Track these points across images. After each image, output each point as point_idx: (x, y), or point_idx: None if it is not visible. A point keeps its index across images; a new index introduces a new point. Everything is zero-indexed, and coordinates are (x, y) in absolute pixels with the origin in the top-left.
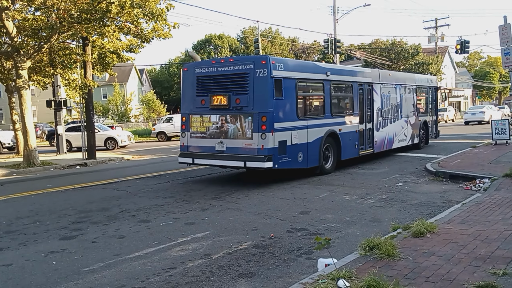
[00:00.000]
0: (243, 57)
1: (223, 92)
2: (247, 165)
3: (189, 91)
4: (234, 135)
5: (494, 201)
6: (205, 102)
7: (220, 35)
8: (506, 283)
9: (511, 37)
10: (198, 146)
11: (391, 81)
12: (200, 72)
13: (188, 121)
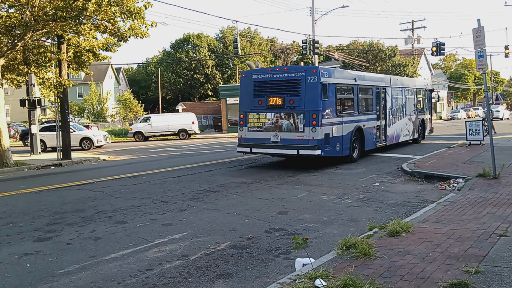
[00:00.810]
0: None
1: (278, 94)
2: (300, 152)
3: (247, 93)
4: (287, 129)
5: (467, 200)
6: (262, 102)
7: (199, 35)
8: (478, 280)
9: (485, 40)
10: (255, 138)
11: (398, 85)
12: (257, 78)
13: (245, 118)
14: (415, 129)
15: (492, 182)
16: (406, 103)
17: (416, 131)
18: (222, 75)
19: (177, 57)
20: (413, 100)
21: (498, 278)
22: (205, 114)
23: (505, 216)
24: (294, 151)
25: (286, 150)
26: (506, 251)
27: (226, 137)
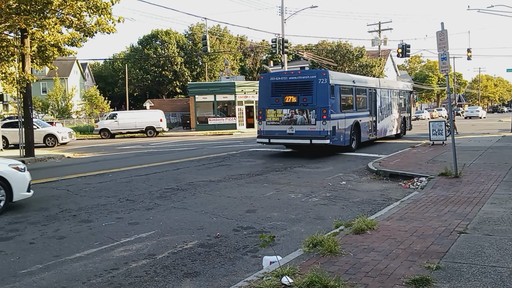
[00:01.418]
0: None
1: (293, 93)
2: (312, 142)
3: (265, 93)
4: (301, 122)
5: (430, 199)
6: (279, 100)
7: (167, 31)
8: (439, 276)
9: (448, 43)
10: (273, 131)
11: (385, 87)
12: (275, 80)
13: (264, 113)
14: (398, 126)
15: (454, 181)
16: (392, 103)
17: (399, 127)
18: (191, 72)
19: (145, 54)
20: (397, 100)
21: (458, 273)
22: (174, 112)
23: (466, 214)
24: (308, 140)
25: (300, 140)
26: (466, 247)
27: (195, 135)
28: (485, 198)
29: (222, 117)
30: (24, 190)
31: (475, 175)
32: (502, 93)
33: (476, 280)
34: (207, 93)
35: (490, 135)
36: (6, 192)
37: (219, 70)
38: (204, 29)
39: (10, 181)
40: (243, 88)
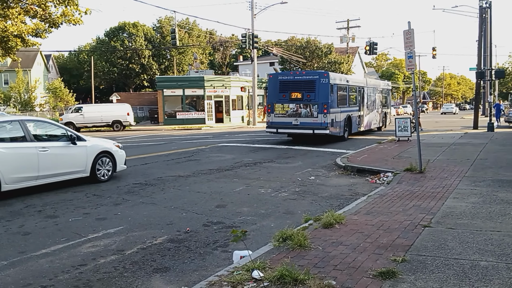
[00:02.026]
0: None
1: (298, 91)
2: (314, 132)
3: (274, 90)
4: (305, 115)
5: (396, 193)
6: (286, 96)
7: (135, 23)
8: (404, 269)
9: (414, 41)
10: (280, 122)
11: (371, 86)
12: (282, 78)
13: (272, 107)
14: (380, 119)
15: (418, 176)
16: (375, 100)
17: (381, 121)
18: (159, 65)
19: (111, 46)
20: (380, 97)
21: (422, 266)
22: (141, 106)
23: (430, 208)
24: (310, 131)
25: (304, 130)
26: (430, 241)
27: (163, 129)
28: (448, 193)
29: (191, 111)
30: (122, 164)
31: (439, 170)
32: (464, 91)
33: (440, 272)
34: (176, 87)
35: (453, 132)
36: (112, 164)
37: (188, 64)
38: (173, 22)
39: (115, 156)
40: (213, 83)
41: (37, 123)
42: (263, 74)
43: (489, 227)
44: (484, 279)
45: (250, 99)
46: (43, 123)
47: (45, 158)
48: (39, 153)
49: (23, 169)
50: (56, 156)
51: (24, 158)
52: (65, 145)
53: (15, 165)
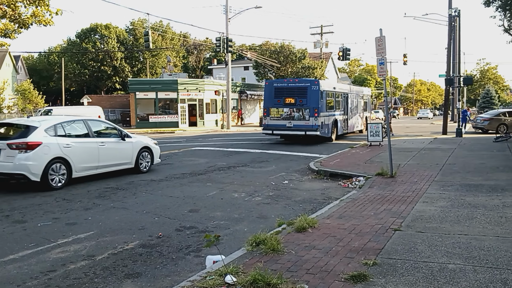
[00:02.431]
0: (304, 79)
1: (291, 96)
2: (306, 133)
3: (269, 95)
4: (298, 118)
5: (367, 197)
6: (280, 101)
7: (107, 25)
8: (375, 272)
9: (386, 48)
10: (275, 124)
11: (354, 92)
12: (277, 85)
13: (268, 111)
14: (362, 123)
15: (389, 180)
16: (358, 105)
17: (362, 125)
18: (132, 68)
19: (83, 48)
20: (361, 103)
21: (393, 269)
22: (113, 108)
23: (400, 212)
24: (303, 132)
25: (297, 132)
26: (400, 244)
27: (135, 132)
28: (418, 197)
29: (164, 115)
30: (157, 158)
31: (409, 175)
32: (434, 97)
33: (409, 275)
34: (149, 90)
35: (423, 137)
36: (150, 158)
37: (161, 66)
38: (146, 25)
39: (153, 151)
40: (186, 86)
41: (95, 122)
42: (237, 78)
43: (457, 230)
44: (451, 281)
45: (224, 102)
46: (100, 122)
47: (103, 151)
48: (99, 147)
49: (87, 160)
50: (111, 150)
51: (88, 151)
52: (117, 141)
53: (82, 157)
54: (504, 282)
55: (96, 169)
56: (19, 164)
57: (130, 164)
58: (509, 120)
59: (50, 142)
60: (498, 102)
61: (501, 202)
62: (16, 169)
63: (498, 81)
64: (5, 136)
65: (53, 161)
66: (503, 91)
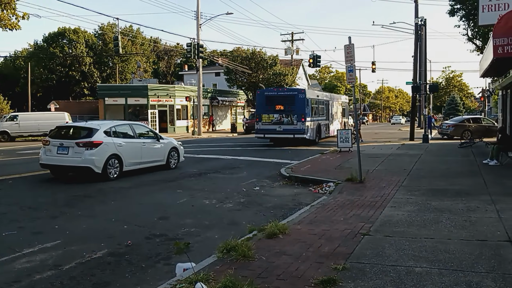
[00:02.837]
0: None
1: (281, 103)
2: (294, 136)
3: (261, 103)
4: (287, 123)
5: (337, 203)
6: (271, 108)
7: (76, 29)
8: (344, 276)
9: (354, 56)
10: (266, 129)
11: (334, 99)
12: (268, 94)
13: (260, 117)
14: (341, 128)
15: (359, 186)
16: (337, 111)
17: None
18: (101, 73)
19: (50, 52)
20: (340, 109)
21: (362, 273)
22: (81, 115)
23: (369, 217)
24: (291, 135)
25: (286, 135)
26: (369, 248)
27: None
28: (386, 202)
29: (134, 121)
30: (182, 157)
31: (378, 180)
32: (402, 104)
33: (378, 279)
34: (118, 95)
35: (391, 143)
36: (177, 156)
37: (131, 72)
38: (115, 29)
39: (179, 151)
40: (157, 92)
41: (137, 125)
42: (209, 84)
43: (423, 234)
44: (418, 284)
45: (195, 109)
46: (141, 126)
47: (144, 150)
48: (141, 147)
49: (134, 157)
50: (150, 149)
51: (134, 150)
52: (153, 142)
53: (130, 154)
54: (468, 284)
55: (139, 164)
56: (86, 159)
57: (162, 162)
58: (473, 127)
59: (108, 141)
60: (463, 109)
61: (465, 206)
62: (83, 163)
63: (463, 88)
64: (71, 136)
65: (110, 157)
66: (467, 98)
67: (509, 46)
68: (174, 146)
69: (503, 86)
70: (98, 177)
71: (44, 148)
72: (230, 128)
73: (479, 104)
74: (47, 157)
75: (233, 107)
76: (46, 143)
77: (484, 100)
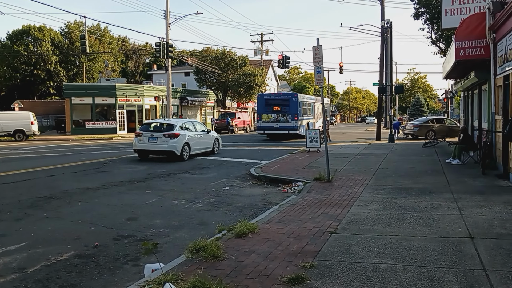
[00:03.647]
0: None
1: (278, 105)
2: (289, 132)
3: (261, 104)
4: (283, 121)
5: (306, 202)
6: (269, 108)
7: (41, 27)
8: (312, 274)
9: (322, 57)
10: (265, 126)
11: (319, 101)
12: (267, 97)
13: (260, 116)
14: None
15: (327, 185)
16: (321, 111)
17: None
18: (67, 72)
19: (14, 50)
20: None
21: (329, 270)
22: (46, 114)
23: (336, 215)
24: (286, 131)
25: (282, 131)
26: (336, 246)
27: (71, 139)
28: (353, 200)
29: (101, 121)
30: (221, 145)
31: (345, 179)
32: (369, 105)
33: (344, 276)
34: (85, 95)
35: (358, 143)
36: (218, 145)
37: (99, 71)
38: (82, 28)
39: (219, 141)
40: (125, 91)
41: (196, 122)
42: (178, 83)
43: (388, 231)
44: (383, 280)
45: (164, 109)
46: (197, 123)
47: (201, 139)
48: (199, 137)
49: (196, 144)
50: (203, 139)
51: (196, 139)
52: (205, 134)
53: (194, 143)
54: (431, 279)
55: (198, 150)
56: (170, 145)
57: (209, 148)
58: (436, 127)
59: (182, 133)
60: (427, 110)
61: (429, 204)
62: (169, 148)
63: (427, 89)
64: (157, 130)
65: (184, 144)
66: (431, 99)
67: (470, 49)
68: (216, 138)
69: (465, 88)
70: (177, 158)
71: (136, 138)
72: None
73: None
74: (140, 144)
75: (203, 107)
76: (139, 135)
77: (447, 101)
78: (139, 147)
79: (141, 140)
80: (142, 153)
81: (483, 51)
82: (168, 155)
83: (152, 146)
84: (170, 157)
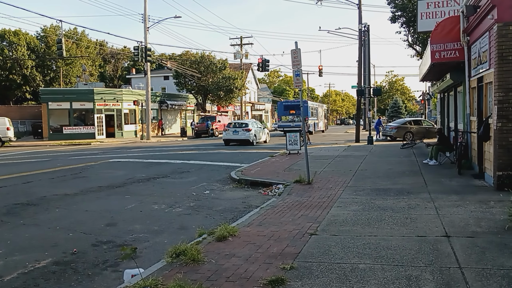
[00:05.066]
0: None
1: (293, 109)
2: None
3: (281, 109)
4: (297, 121)
5: (286, 204)
6: (287, 111)
7: (16, 31)
8: (292, 276)
9: (301, 60)
10: (284, 125)
11: (320, 106)
12: (285, 103)
13: (280, 118)
14: (323, 126)
15: (307, 187)
16: (322, 114)
17: (323, 126)
18: (44, 77)
19: None
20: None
21: (309, 272)
22: (23, 120)
23: (316, 217)
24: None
25: (297, 128)
26: (316, 248)
27: (48, 145)
28: (332, 202)
29: (79, 126)
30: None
31: (325, 181)
32: (348, 107)
33: (324, 277)
34: (62, 100)
35: (337, 145)
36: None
37: (76, 75)
38: (59, 32)
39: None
40: (103, 96)
41: (250, 121)
42: (157, 87)
43: (367, 232)
44: (362, 280)
45: (143, 113)
46: (256, 121)
47: (259, 133)
48: (260, 131)
49: (258, 136)
50: (260, 133)
51: (259, 132)
52: (261, 129)
53: (258, 134)
54: (408, 278)
55: (259, 139)
56: (247, 135)
57: (263, 139)
58: (414, 128)
59: (252, 128)
60: (405, 112)
61: (406, 204)
62: (246, 137)
63: (405, 92)
64: (238, 125)
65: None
66: (409, 101)
67: (445, 51)
68: (268, 132)
69: (441, 89)
70: (250, 143)
71: (225, 132)
72: (180, 132)
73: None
74: (227, 135)
75: (183, 110)
76: (227, 130)
77: (425, 103)
78: (227, 137)
79: (228, 133)
80: (228, 141)
81: (457, 53)
82: (245, 142)
83: (235, 137)
84: (246, 143)
